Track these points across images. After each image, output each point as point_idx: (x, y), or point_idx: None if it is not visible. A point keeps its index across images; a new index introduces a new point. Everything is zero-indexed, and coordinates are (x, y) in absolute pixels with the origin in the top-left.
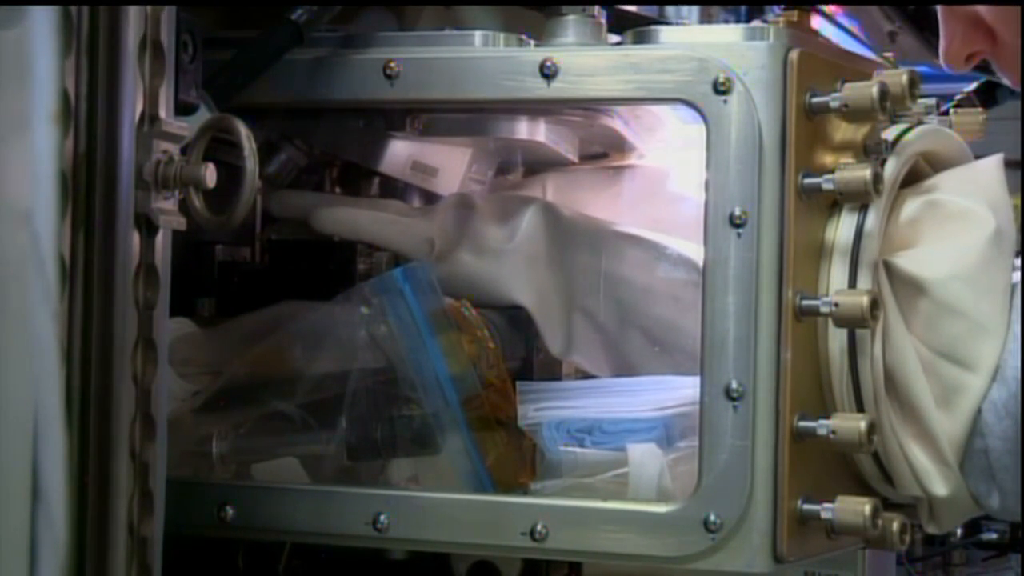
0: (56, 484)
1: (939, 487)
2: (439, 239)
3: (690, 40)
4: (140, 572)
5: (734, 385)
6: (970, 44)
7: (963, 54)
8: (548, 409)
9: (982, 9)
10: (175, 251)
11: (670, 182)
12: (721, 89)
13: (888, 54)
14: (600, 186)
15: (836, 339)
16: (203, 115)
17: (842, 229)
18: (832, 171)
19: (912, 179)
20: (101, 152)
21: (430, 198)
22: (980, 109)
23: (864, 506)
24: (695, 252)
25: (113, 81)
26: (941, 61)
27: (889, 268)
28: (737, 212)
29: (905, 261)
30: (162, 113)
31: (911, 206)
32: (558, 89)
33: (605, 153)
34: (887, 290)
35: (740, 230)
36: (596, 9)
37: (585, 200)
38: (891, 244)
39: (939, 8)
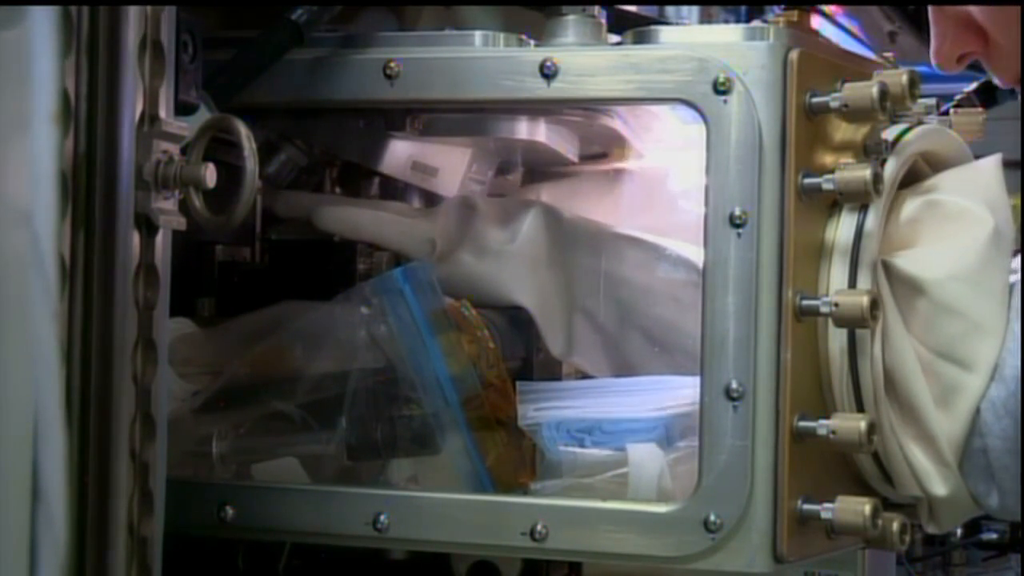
0: (56, 484)
1: (938, 487)
2: (440, 240)
3: (690, 40)
4: (140, 572)
5: (734, 385)
6: (961, 45)
7: (954, 54)
8: (548, 409)
9: (973, 9)
10: (175, 251)
11: (670, 182)
12: (721, 89)
13: (888, 54)
14: (600, 188)
15: (836, 339)
16: (203, 115)
17: (842, 229)
18: (832, 171)
19: (912, 179)
20: (101, 152)
21: (430, 198)
22: (980, 109)
23: (864, 506)
24: (695, 253)
25: (113, 81)
26: (932, 61)
27: (888, 268)
28: (737, 212)
29: (904, 261)
30: (162, 113)
31: (910, 206)
32: (558, 89)
33: (605, 153)
34: (886, 290)
35: (740, 230)
36: (596, 9)
37: (585, 202)
38: (890, 244)
39: (930, 9)
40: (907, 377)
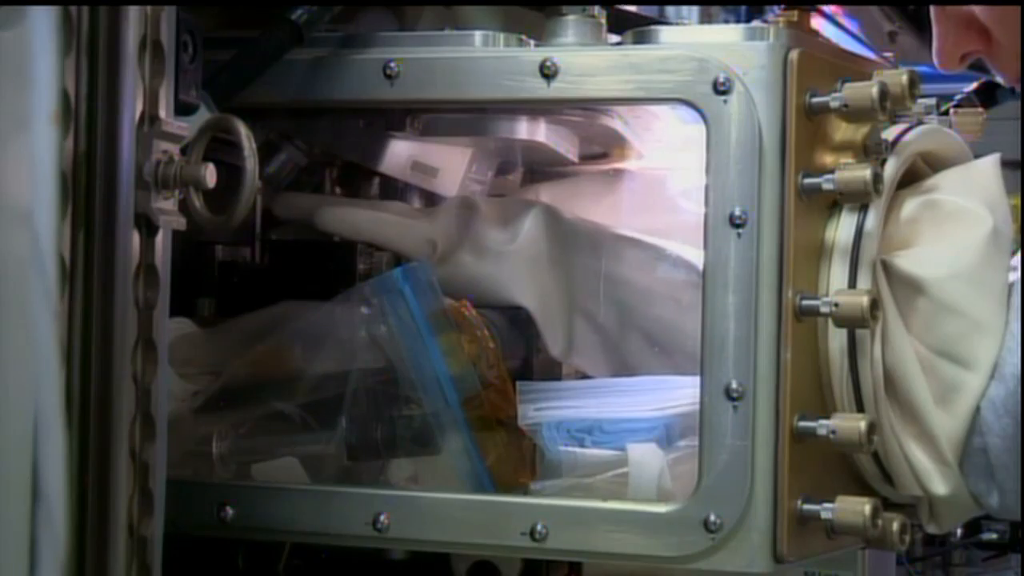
0: (56, 484)
1: (939, 486)
2: (441, 240)
3: (690, 40)
4: (140, 572)
5: (734, 385)
6: (964, 44)
7: (957, 54)
8: (548, 409)
9: (976, 9)
10: (175, 251)
11: (670, 183)
12: (721, 89)
13: (888, 54)
14: (600, 188)
15: (836, 339)
16: (203, 115)
17: (842, 229)
18: (832, 171)
19: (911, 179)
20: (101, 152)
21: (430, 198)
22: (980, 109)
23: (864, 506)
24: (695, 254)
25: (113, 81)
26: (935, 60)
27: (887, 267)
28: (737, 212)
29: (903, 260)
30: (162, 113)
31: (909, 206)
32: (558, 89)
33: (605, 153)
34: (885, 290)
35: (740, 230)
36: (596, 9)
37: (585, 202)
38: (889, 244)
39: (932, 8)
40: (907, 376)
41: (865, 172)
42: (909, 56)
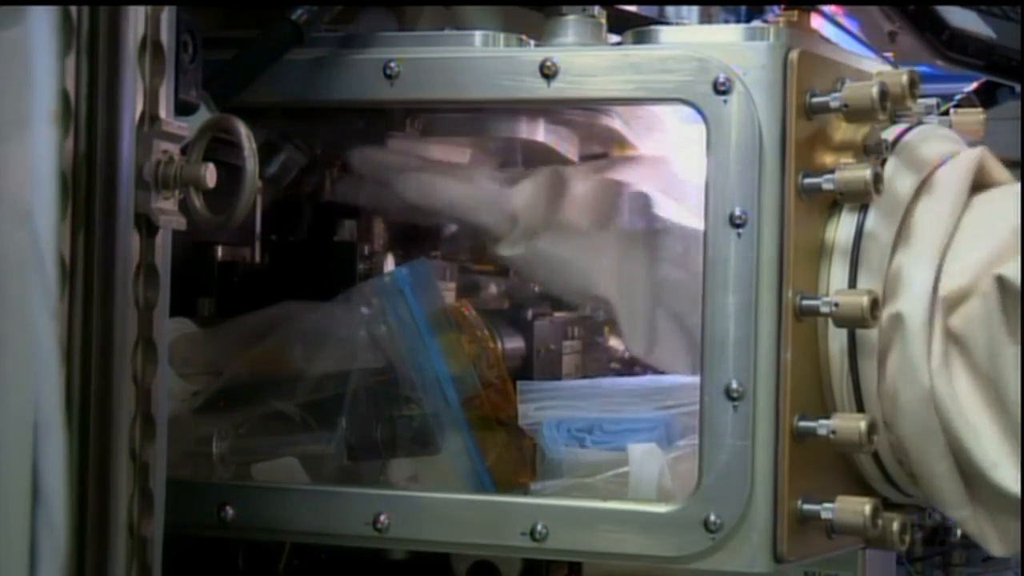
0: (56, 484)
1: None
2: (523, 217)
3: (690, 40)
4: (140, 572)
5: (734, 385)
6: None
7: None
8: (548, 409)
9: None
10: (175, 251)
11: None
12: (721, 89)
13: (888, 54)
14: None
15: (836, 339)
16: (203, 115)
17: (842, 229)
18: (832, 171)
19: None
20: (101, 152)
21: None
22: (980, 109)
23: (864, 506)
24: None
25: (113, 81)
26: None
27: (1002, 281)
28: (737, 212)
29: (1015, 271)
30: (162, 113)
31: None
32: (558, 89)
33: (605, 153)
34: (995, 303)
35: (740, 230)
36: (596, 9)
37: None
38: (1002, 254)
39: None
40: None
41: (865, 172)
42: (909, 56)
